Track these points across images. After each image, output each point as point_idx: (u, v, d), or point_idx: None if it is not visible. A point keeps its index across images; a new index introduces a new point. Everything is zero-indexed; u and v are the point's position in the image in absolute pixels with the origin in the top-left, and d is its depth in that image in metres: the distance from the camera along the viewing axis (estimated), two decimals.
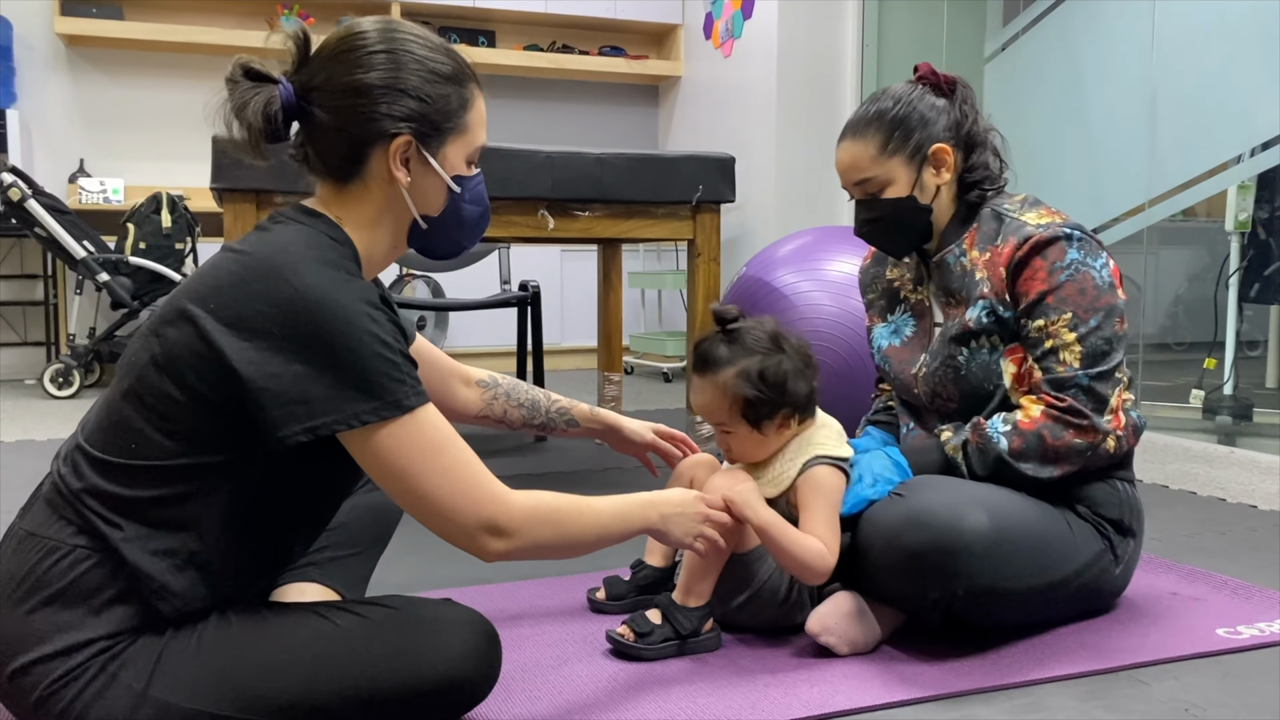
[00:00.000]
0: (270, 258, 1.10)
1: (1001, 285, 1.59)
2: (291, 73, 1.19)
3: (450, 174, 1.23)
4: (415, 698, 1.13)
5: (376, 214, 1.21)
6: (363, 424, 1.07)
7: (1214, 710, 1.34)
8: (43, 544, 1.09)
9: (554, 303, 5.81)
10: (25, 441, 3.43)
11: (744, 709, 1.32)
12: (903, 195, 1.65)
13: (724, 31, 5.66)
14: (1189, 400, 3.63)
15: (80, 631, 1.07)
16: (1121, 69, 3.69)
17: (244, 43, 5.43)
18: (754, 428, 1.54)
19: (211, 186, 2.30)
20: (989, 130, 1.71)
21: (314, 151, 1.20)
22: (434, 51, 1.21)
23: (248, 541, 1.16)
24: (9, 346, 5.34)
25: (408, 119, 1.18)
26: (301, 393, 1.06)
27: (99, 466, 1.10)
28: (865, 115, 1.66)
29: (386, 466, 1.09)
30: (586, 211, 2.64)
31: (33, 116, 5.32)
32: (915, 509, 1.44)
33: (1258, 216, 3.61)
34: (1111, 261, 1.60)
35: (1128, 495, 1.63)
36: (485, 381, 1.64)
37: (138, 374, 1.11)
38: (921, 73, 1.69)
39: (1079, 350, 1.53)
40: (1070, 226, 1.58)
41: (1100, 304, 1.55)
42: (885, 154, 1.64)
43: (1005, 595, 1.47)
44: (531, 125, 6.25)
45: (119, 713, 1.06)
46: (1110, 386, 1.54)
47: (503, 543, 1.14)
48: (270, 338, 1.06)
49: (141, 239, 4.69)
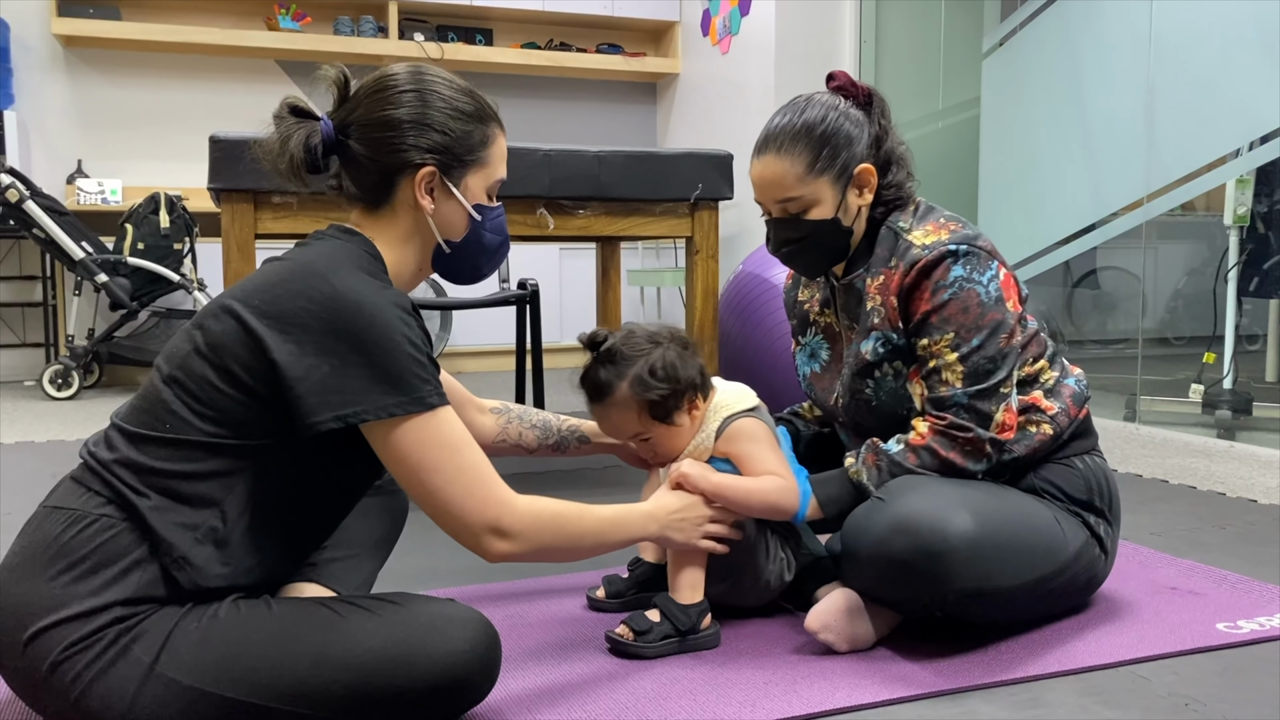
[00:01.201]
0: (312, 262, 1.21)
1: (895, 314, 1.58)
2: (332, 111, 1.32)
3: (471, 203, 1.35)
4: (415, 693, 1.15)
5: (404, 237, 1.33)
6: (390, 416, 1.15)
7: (1214, 705, 1.34)
8: (68, 515, 1.15)
9: (553, 301, 5.81)
10: (24, 443, 3.43)
11: (745, 707, 1.32)
12: (827, 217, 1.61)
13: (722, 28, 5.66)
14: (1188, 395, 3.63)
15: (101, 596, 1.11)
16: (1120, 63, 3.69)
17: (241, 42, 5.43)
18: (668, 423, 1.58)
19: (209, 186, 2.30)
20: (901, 143, 1.67)
21: (349, 180, 1.33)
22: (458, 93, 1.33)
23: (266, 527, 1.21)
24: (8, 348, 5.34)
25: (432, 150, 1.30)
26: (337, 384, 1.14)
27: (132, 439, 1.17)
28: (790, 128, 1.59)
29: (405, 460, 1.17)
30: (585, 209, 2.64)
31: (30, 117, 5.32)
32: (899, 515, 1.43)
33: (1256, 210, 3.61)
34: (1003, 272, 1.57)
35: (1090, 470, 1.62)
36: (498, 409, 1.73)
37: (179, 362, 1.19)
38: (840, 82, 1.64)
39: (960, 370, 1.52)
40: (957, 241, 1.55)
41: (985, 321, 1.53)
42: (813, 173, 1.58)
43: (996, 594, 1.47)
44: (529, 123, 6.25)
45: (126, 685, 1.09)
46: (994, 402, 1.52)
47: (506, 544, 1.21)
48: (309, 331, 1.15)
49: (140, 239, 4.69)
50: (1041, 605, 1.58)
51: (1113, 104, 3.73)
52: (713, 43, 5.79)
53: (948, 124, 5.11)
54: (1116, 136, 3.72)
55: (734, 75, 5.53)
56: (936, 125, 5.16)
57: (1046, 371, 1.62)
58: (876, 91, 1.66)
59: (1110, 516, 1.63)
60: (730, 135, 5.50)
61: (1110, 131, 3.75)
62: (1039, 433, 1.58)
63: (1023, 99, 4.20)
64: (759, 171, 1.62)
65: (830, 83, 1.66)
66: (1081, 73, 3.88)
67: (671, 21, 6.25)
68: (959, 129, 4.94)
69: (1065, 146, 3.97)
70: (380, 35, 5.77)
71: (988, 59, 4.43)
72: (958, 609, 1.47)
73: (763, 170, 1.62)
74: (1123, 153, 3.69)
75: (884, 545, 1.43)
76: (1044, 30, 4.09)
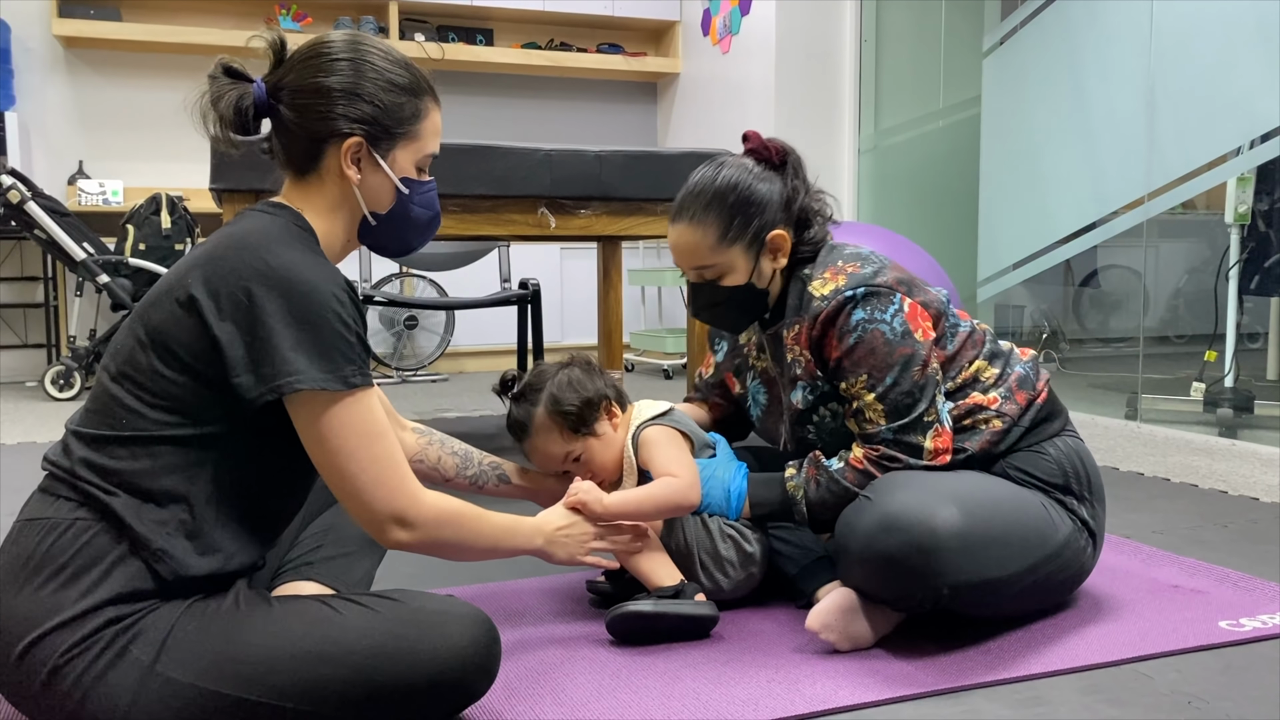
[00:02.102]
0: (244, 238, 1.20)
1: (811, 364, 1.62)
2: (267, 74, 1.31)
3: (399, 176, 1.33)
4: (414, 689, 1.15)
5: (331, 207, 1.32)
6: (314, 388, 1.15)
7: (1216, 703, 1.34)
8: (43, 524, 1.14)
9: (554, 300, 5.81)
10: (26, 444, 3.43)
11: (747, 705, 1.32)
12: (741, 284, 1.63)
13: (722, 28, 5.66)
14: (1190, 393, 3.62)
15: (90, 597, 1.10)
16: (1121, 61, 3.69)
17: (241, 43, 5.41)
18: (591, 434, 1.67)
19: (211, 187, 2.30)
20: (818, 194, 1.68)
21: (279, 145, 1.32)
22: (393, 65, 1.32)
23: (232, 513, 1.21)
24: (10, 349, 5.34)
25: (360, 121, 1.28)
26: (267, 355, 1.14)
27: (90, 442, 1.17)
28: (703, 197, 1.61)
29: (324, 442, 1.17)
30: (586, 209, 2.64)
31: (31, 118, 5.32)
32: (886, 513, 1.44)
33: (1257, 209, 3.60)
34: (907, 303, 1.57)
35: (1063, 453, 1.62)
36: (421, 429, 1.72)
37: (126, 358, 1.19)
38: (753, 144, 1.66)
39: (881, 409, 1.55)
40: (854, 285, 1.56)
41: (894, 359, 1.54)
42: (725, 242, 1.61)
43: (989, 585, 1.47)
44: (530, 123, 6.25)
45: (127, 685, 1.09)
46: (920, 432, 1.54)
47: (405, 534, 1.22)
48: (242, 307, 1.15)
49: (141, 240, 4.70)
50: (1036, 594, 1.58)
51: (1113, 102, 3.73)
52: (713, 42, 5.79)
53: (948, 123, 5.11)
54: (1117, 135, 3.71)
55: (734, 75, 5.53)
56: (937, 124, 5.16)
57: (986, 370, 1.64)
58: (791, 150, 1.68)
59: (1091, 497, 1.63)
60: (731, 135, 5.50)
61: (1111, 130, 3.75)
62: (989, 428, 1.60)
63: (1023, 97, 4.20)
64: (674, 239, 1.65)
65: (745, 144, 1.68)
66: (1082, 71, 3.88)
67: (672, 21, 6.25)
68: (959, 128, 4.94)
69: (1066, 145, 3.97)
70: (380, 35, 5.77)
71: (988, 57, 4.43)
72: (953, 603, 1.47)
73: (677, 239, 1.65)
74: (1123, 151, 3.69)
75: (874, 543, 1.44)
76: (1045, 29, 4.09)
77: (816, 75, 5.13)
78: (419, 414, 4.09)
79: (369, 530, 1.22)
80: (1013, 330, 5.28)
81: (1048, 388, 1.67)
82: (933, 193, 5.13)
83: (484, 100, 6.16)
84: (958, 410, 1.61)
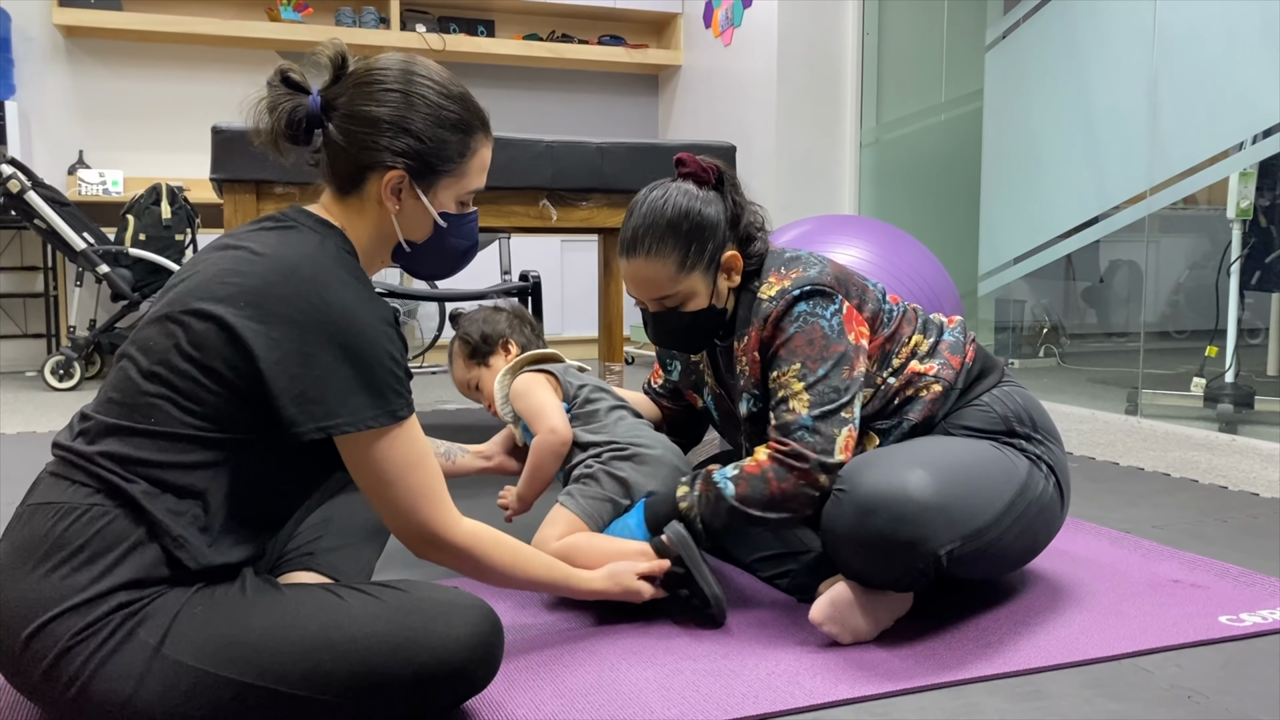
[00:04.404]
0: (297, 266, 1.20)
1: (756, 369, 1.63)
2: (324, 88, 1.31)
3: (439, 209, 1.34)
4: (417, 678, 1.15)
5: (370, 228, 1.33)
6: (365, 429, 1.18)
7: (1216, 697, 1.34)
8: (57, 508, 1.13)
9: (555, 293, 5.81)
10: (26, 434, 3.43)
11: (747, 698, 1.32)
12: (703, 307, 1.65)
13: (724, 20, 5.65)
14: (1190, 388, 3.62)
15: (102, 582, 1.10)
16: (1123, 56, 3.68)
17: (242, 33, 5.43)
18: (484, 365, 1.96)
19: (211, 177, 2.30)
20: (752, 208, 1.70)
21: (326, 160, 1.32)
22: (446, 99, 1.31)
23: (244, 514, 1.21)
24: (9, 339, 5.34)
25: (405, 155, 1.29)
26: (319, 393, 1.16)
27: (113, 431, 1.16)
28: (656, 229, 1.61)
29: (368, 471, 1.21)
30: (587, 201, 2.64)
31: (31, 108, 5.31)
32: (860, 499, 1.45)
33: (1259, 204, 3.60)
34: (846, 306, 1.60)
35: (999, 400, 1.65)
36: None
37: (160, 358, 1.17)
38: (689, 168, 1.67)
39: (807, 399, 1.54)
40: (799, 285, 1.59)
41: (829, 353, 1.56)
42: (685, 271, 1.62)
43: (978, 535, 1.48)
44: (531, 115, 6.24)
45: (132, 668, 1.09)
46: (836, 425, 1.54)
47: (434, 554, 1.28)
48: (295, 340, 1.16)
49: (141, 230, 4.69)
50: (1023, 539, 1.58)
51: (1116, 97, 3.72)
52: (715, 35, 5.78)
53: (950, 117, 5.10)
54: (1119, 130, 3.71)
55: (736, 67, 5.52)
56: (939, 118, 5.15)
57: (922, 344, 1.67)
58: (725, 168, 1.68)
59: (1038, 435, 1.65)
60: (733, 127, 5.49)
61: (1113, 125, 3.74)
62: (929, 394, 1.63)
63: (1026, 92, 4.20)
64: (631, 274, 1.65)
65: (681, 169, 1.68)
66: (1085, 66, 3.87)
67: (674, 13, 6.24)
68: (961, 122, 4.93)
69: (1068, 140, 3.96)
70: (382, 26, 5.76)
71: (991, 52, 4.42)
72: (955, 567, 1.48)
73: (635, 273, 1.65)
74: (1126, 146, 3.68)
75: (859, 531, 1.45)
76: (1047, 23, 4.08)
77: (818, 68, 5.12)
78: (418, 406, 4.09)
79: (405, 544, 1.27)
80: (1013, 325, 5.28)
81: (974, 347, 1.71)
82: (934, 187, 5.12)
83: (485, 92, 6.12)
84: (900, 381, 1.63)
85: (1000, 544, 1.53)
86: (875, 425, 1.64)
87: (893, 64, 5.19)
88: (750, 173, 5.14)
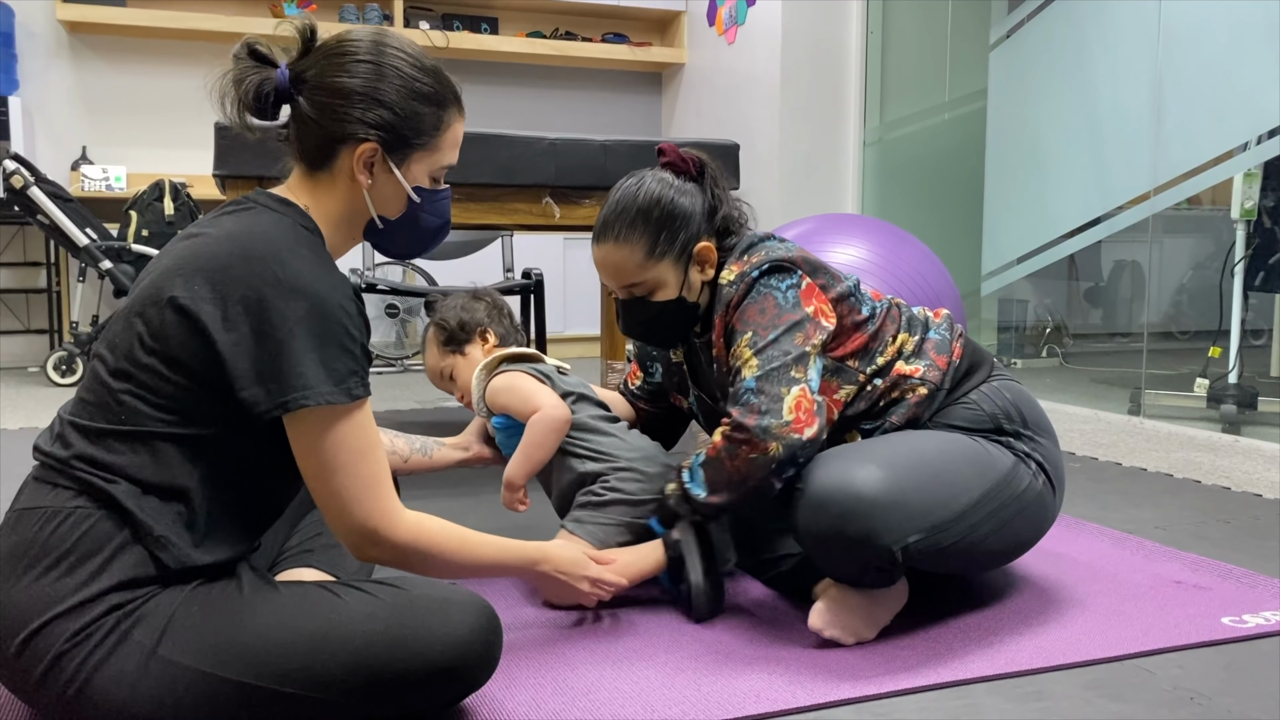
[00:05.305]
0: (251, 246, 1.17)
1: (724, 356, 1.61)
2: (292, 61, 1.28)
3: (411, 184, 1.31)
4: (415, 675, 1.15)
5: (340, 206, 1.29)
6: (319, 404, 1.14)
7: (1218, 699, 1.34)
8: (41, 513, 1.12)
9: (557, 290, 5.80)
10: (28, 429, 3.43)
11: (748, 697, 1.32)
12: (672, 298, 1.63)
13: (728, 18, 5.64)
14: (1194, 389, 3.62)
15: (92, 585, 1.09)
16: (1128, 55, 3.67)
17: (246, 29, 5.42)
18: (460, 353, 1.88)
19: (214, 173, 2.30)
20: (736, 203, 1.68)
21: (294, 135, 1.29)
22: (420, 72, 1.29)
23: (228, 509, 1.20)
24: (12, 334, 5.34)
25: (377, 127, 1.26)
26: (273, 371, 1.13)
27: (87, 434, 1.15)
28: (627, 215, 1.61)
29: (314, 453, 1.16)
30: (590, 199, 2.63)
31: (35, 103, 5.31)
32: (809, 497, 1.45)
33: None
34: (805, 281, 1.57)
35: (988, 397, 1.62)
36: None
37: (125, 354, 1.16)
38: (670, 158, 1.66)
39: (755, 363, 1.52)
40: (758, 264, 1.58)
41: (781, 321, 1.54)
42: (654, 258, 1.61)
43: (942, 529, 1.46)
44: (534, 112, 6.24)
45: (128, 670, 1.08)
46: (784, 384, 1.49)
47: (375, 551, 1.21)
48: (248, 321, 1.13)
49: (144, 226, 4.69)
50: (1005, 534, 1.55)
51: (1120, 97, 3.71)
52: (719, 33, 5.77)
53: (954, 116, 5.09)
54: (1124, 129, 3.70)
55: (740, 65, 5.52)
56: (943, 117, 5.15)
57: (908, 343, 1.64)
58: (707, 160, 1.68)
59: (1028, 431, 1.62)
60: (736, 125, 5.48)
61: (1118, 124, 3.73)
62: (915, 396, 1.60)
63: (1030, 91, 4.19)
64: (600, 258, 1.65)
65: (661, 159, 1.67)
66: (1089, 65, 3.86)
67: (678, 11, 6.23)
68: (965, 121, 4.93)
69: (1072, 139, 3.95)
70: (385, 23, 5.76)
71: (995, 51, 4.42)
72: (918, 562, 1.46)
73: (604, 258, 1.64)
74: (1130, 146, 3.67)
75: (811, 529, 1.45)
76: (1052, 22, 4.07)
77: (822, 67, 5.11)
78: (420, 403, 4.09)
79: (342, 541, 1.22)
80: (1016, 325, 5.27)
81: (962, 343, 1.68)
82: (937, 186, 5.12)
83: (488, 89, 6.15)
84: (885, 383, 1.61)
85: (971, 539, 1.50)
86: (860, 426, 1.62)
87: (896, 63, 5.18)
88: (753, 171, 5.14)
